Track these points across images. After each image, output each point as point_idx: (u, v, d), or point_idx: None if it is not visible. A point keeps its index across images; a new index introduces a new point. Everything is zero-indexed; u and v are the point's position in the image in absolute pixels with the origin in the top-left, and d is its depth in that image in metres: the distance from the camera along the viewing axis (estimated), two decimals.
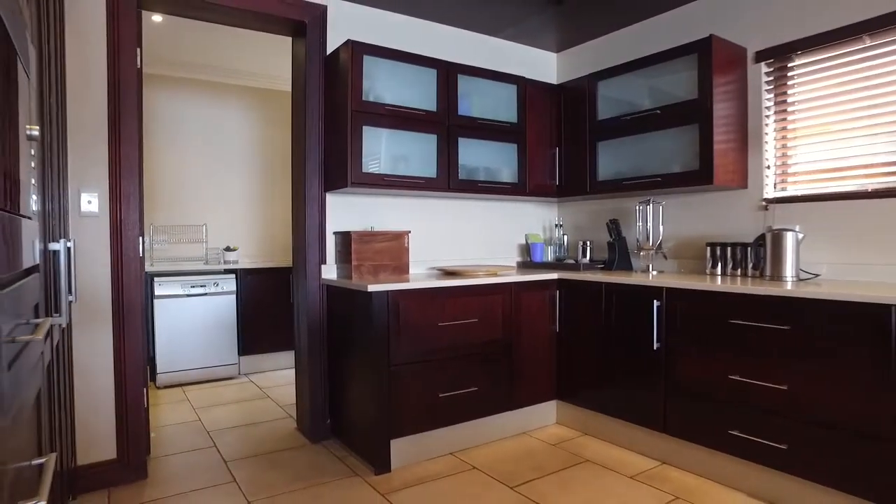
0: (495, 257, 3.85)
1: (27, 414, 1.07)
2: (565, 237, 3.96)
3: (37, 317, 1.27)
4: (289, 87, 5.33)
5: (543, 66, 4.12)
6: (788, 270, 2.66)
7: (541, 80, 4.03)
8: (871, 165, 2.62)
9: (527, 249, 3.93)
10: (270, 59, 4.84)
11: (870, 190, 2.62)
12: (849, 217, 2.65)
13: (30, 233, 1.19)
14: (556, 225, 3.98)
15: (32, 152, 1.23)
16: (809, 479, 2.23)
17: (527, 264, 3.83)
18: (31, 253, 1.18)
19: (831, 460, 2.16)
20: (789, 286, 2.38)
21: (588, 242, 3.64)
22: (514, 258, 3.94)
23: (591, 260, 3.61)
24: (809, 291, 2.21)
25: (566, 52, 4.13)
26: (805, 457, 2.23)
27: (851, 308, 2.09)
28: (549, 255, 3.94)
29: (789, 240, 2.66)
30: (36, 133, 1.17)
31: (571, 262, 3.56)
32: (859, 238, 2.61)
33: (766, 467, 2.38)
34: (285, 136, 5.48)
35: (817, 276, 2.73)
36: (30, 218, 1.19)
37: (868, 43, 2.62)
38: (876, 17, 2.54)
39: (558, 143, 3.71)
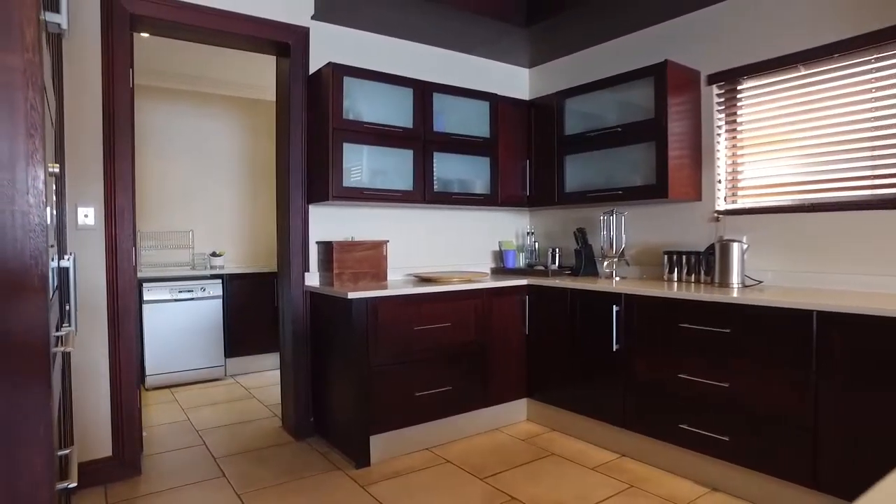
0: (470, 263, 4.07)
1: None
2: (536, 244, 4.19)
3: (56, 329, 1.46)
4: (273, 97, 5.50)
5: (517, 81, 4.35)
6: (734, 278, 2.91)
7: (514, 94, 4.27)
8: (807, 182, 2.88)
9: (500, 256, 4.16)
10: (255, 70, 5.01)
11: (807, 204, 2.88)
12: (790, 228, 2.91)
13: (51, 256, 1.38)
14: (528, 232, 4.21)
15: (54, 188, 1.42)
16: (748, 467, 2.48)
17: (500, 270, 4.06)
18: (53, 273, 1.38)
19: (766, 449, 2.41)
20: (735, 293, 2.63)
21: (557, 249, 3.88)
22: (488, 264, 4.17)
23: (559, 266, 3.85)
24: (746, 298, 2.45)
25: (538, 68, 4.36)
26: (744, 447, 2.48)
27: (779, 313, 2.34)
28: (522, 262, 4.17)
29: (735, 250, 2.91)
30: (57, 170, 1.36)
31: (541, 268, 3.79)
32: (799, 247, 2.87)
33: (711, 457, 2.63)
34: (269, 143, 5.65)
35: (761, 282, 2.98)
36: (53, 246, 1.38)
37: (803, 72, 2.88)
38: (809, 48, 2.80)
39: (529, 155, 3.94)
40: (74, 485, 1.10)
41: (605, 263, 3.67)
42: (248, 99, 5.60)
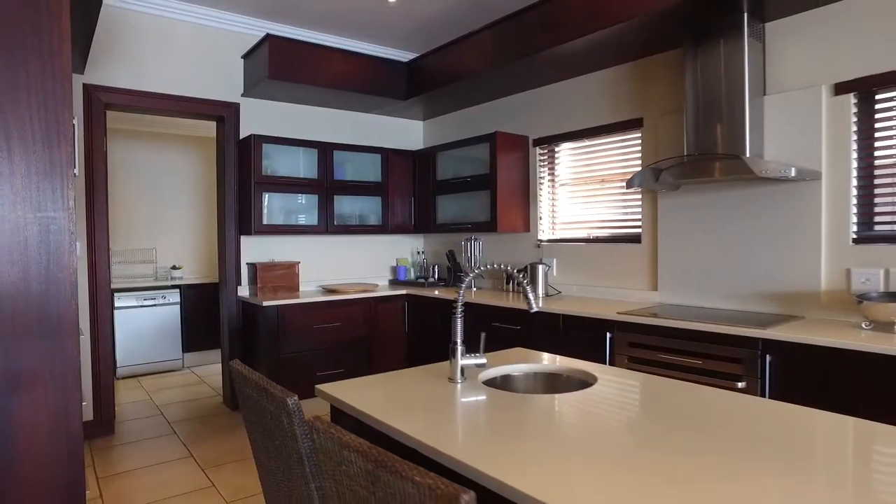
0: (374, 276, 5.25)
1: None
2: (425, 260, 5.39)
3: None
4: None
5: (413, 131, 5.54)
6: (541, 289, 4.14)
7: (410, 143, 5.46)
8: (592, 221, 4.13)
9: (396, 270, 5.35)
10: None
11: (592, 237, 4.13)
12: (581, 254, 4.15)
13: None
14: (419, 252, 5.41)
15: None
16: None
17: (395, 282, 5.25)
18: None
19: None
20: (540, 302, 3.83)
21: (437, 266, 5.08)
22: (387, 276, 5.35)
23: (438, 278, 5.05)
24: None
25: (430, 121, 5.55)
26: None
27: (544, 315, 3.57)
28: (412, 275, 5.36)
29: (540, 270, 4.14)
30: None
31: (423, 280, 4.99)
32: (586, 268, 4.11)
33: None
34: None
35: (560, 293, 4.22)
36: None
37: (587, 142, 4.12)
38: (590, 127, 4.05)
39: (413, 193, 5.13)
40: (90, 418, 2.23)
41: (467, 278, 4.87)
42: (200, 136, 6.69)
